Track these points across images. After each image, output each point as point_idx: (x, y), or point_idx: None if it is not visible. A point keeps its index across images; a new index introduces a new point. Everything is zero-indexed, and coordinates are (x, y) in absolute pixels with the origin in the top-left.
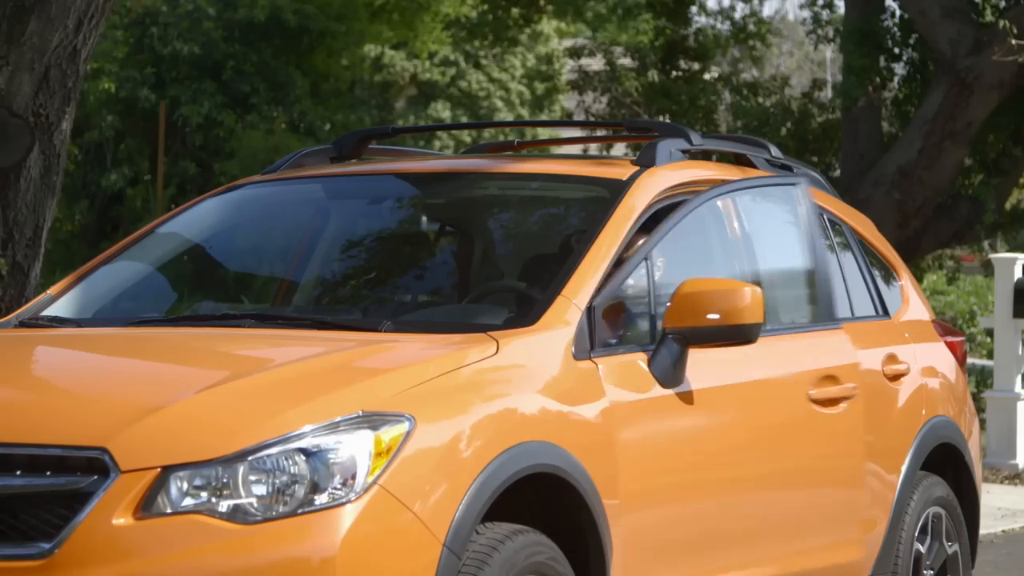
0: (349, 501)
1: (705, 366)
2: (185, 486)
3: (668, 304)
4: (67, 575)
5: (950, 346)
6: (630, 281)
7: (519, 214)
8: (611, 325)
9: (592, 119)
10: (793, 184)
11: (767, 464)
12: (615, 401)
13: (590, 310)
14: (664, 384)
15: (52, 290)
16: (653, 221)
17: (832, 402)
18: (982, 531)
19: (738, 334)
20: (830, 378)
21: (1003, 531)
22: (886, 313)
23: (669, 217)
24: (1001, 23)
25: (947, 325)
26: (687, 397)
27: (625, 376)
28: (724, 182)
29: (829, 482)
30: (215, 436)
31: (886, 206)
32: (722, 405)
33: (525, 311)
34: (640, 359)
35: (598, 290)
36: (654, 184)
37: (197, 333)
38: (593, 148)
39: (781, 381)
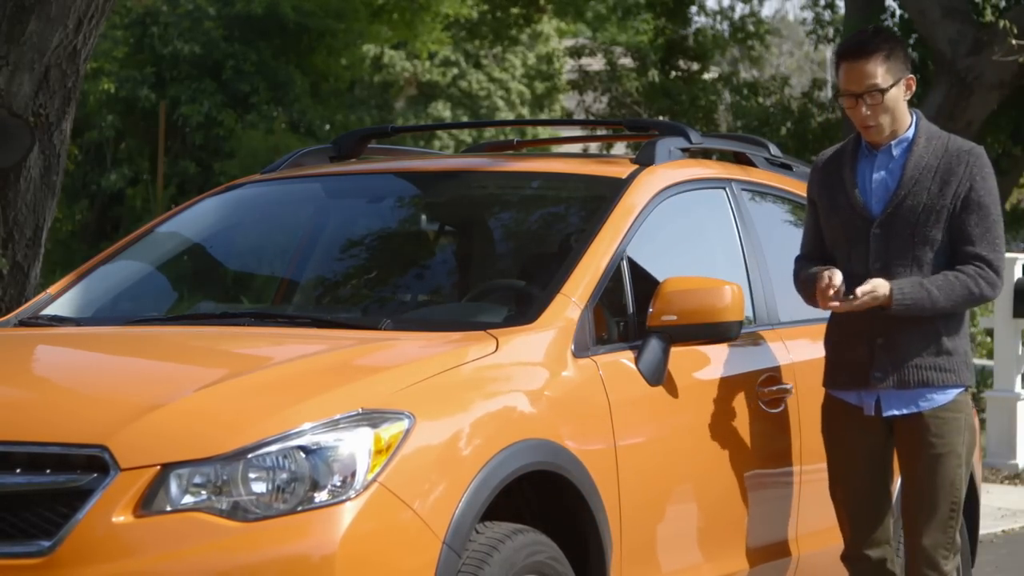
0: (349, 499)
1: (692, 363)
2: (185, 484)
3: (652, 302)
4: (67, 573)
5: None
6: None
7: (519, 213)
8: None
9: (592, 119)
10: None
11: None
12: (615, 399)
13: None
14: (650, 382)
15: (52, 289)
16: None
17: None
18: (982, 531)
19: (718, 332)
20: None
21: (1003, 531)
22: None
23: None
24: (1001, 23)
25: None
26: (687, 394)
27: (625, 374)
28: (724, 180)
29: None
30: (215, 434)
31: None
32: (717, 400)
33: (525, 309)
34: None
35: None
36: (653, 182)
37: (196, 332)
38: (593, 147)
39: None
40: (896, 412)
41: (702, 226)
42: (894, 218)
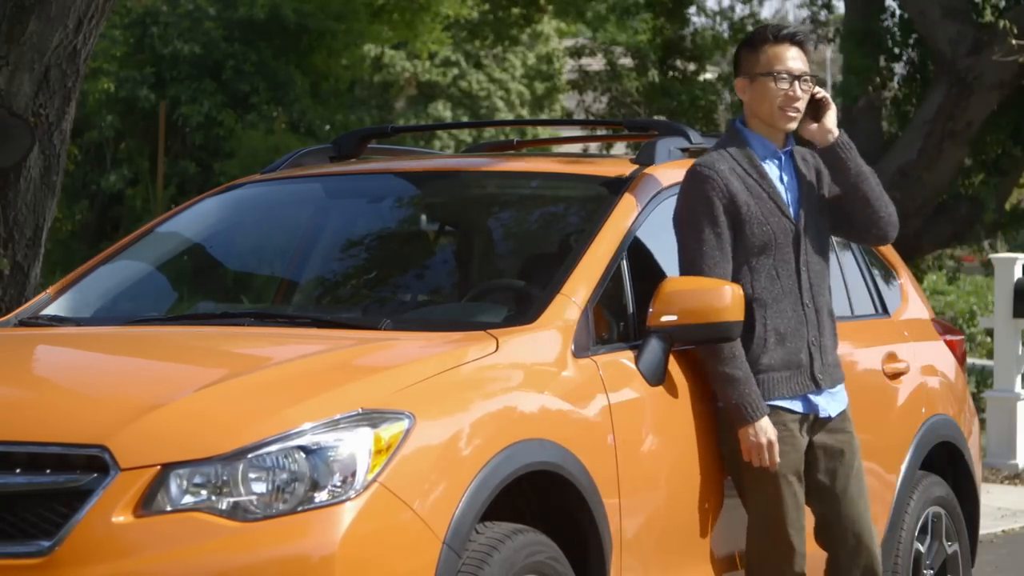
0: (349, 499)
1: (692, 363)
2: (185, 484)
3: (652, 302)
4: (67, 573)
5: (949, 345)
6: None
7: (519, 213)
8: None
9: (592, 119)
10: None
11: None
12: (615, 399)
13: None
14: (651, 382)
15: (51, 289)
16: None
17: None
18: (982, 531)
19: (718, 332)
20: None
21: (1003, 531)
22: (885, 312)
23: None
24: (1001, 23)
25: (947, 324)
26: (687, 394)
27: (625, 374)
28: None
29: None
30: (215, 434)
31: None
32: (718, 400)
33: (524, 309)
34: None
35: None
36: (653, 182)
37: (196, 332)
38: (593, 147)
39: None
40: (836, 412)
41: None
42: (809, 216)
